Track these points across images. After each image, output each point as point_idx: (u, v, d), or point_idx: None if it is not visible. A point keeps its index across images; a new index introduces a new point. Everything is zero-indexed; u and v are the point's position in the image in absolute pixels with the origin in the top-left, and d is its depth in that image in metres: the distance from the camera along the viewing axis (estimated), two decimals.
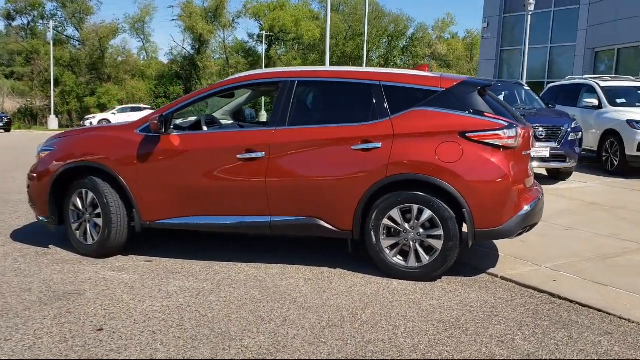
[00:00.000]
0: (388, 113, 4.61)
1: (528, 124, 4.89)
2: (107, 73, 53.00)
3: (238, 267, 4.91)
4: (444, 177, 4.38)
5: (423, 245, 4.54)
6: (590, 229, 6.44)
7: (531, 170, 4.92)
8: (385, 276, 4.65)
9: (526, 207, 4.54)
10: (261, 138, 4.79)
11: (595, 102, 11.65)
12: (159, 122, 4.79)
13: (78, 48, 54.23)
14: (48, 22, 50.43)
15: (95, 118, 38.24)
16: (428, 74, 4.82)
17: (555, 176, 10.16)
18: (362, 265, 4.89)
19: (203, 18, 54.81)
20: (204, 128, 5.24)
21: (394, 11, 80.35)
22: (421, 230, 4.52)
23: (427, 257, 4.52)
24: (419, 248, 4.54)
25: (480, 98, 4.60)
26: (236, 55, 61.50)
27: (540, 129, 9.21)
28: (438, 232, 4.46)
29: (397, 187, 4.53)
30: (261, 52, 57.50)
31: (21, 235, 6.01)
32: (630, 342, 3.50)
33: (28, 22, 53.87)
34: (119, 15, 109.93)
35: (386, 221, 4.57)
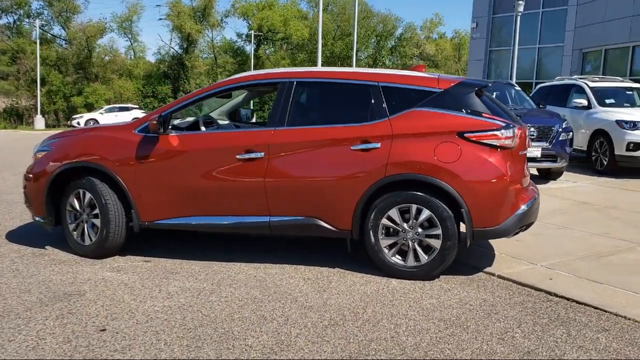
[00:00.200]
0: (387, 113, 4.65)
1: (524, 124, 4.95)
2: (95, 72, 52.56)
3: (237, 267, 4.93)
4: (443, 177, 4.43)
5: (421, 244, 4.58)
6: (583, 228, 6.53)
7: (527, 170, 4.98)
8: (384, 275, 4.69)
9: (523, 207, 4.61)
10: (260, 138, 4.81)
11: (584, 103, 11.79)
12: (158, 123, 4.80)
13: (64, 47, 53.76)
14: (34, 21, 49.97)
15: (82, 118, 37.92)
16: (426, 75, 4.87)
17: (546, 176, 10.27)
18: (361, 264, 4.93)
19: (191, 17, 54.52)
20: (202, 128, 5.25)
21: (383, 11, 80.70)
22: (420, 229, 4.56)
23: (426, 257, 4.57)
24: (418, 247, 4.59)
25: (477, 99, 4.66)
26: (224, 54, 61.30)
27: (531, 129, 9.31)
28: (436, 232, 4.51)
29: (396, 187, 4.57)
30: (249, 52, 57.39)
31: (16, 236, 5.97)
32: (627, 339, 3.57)
33: (14, 21, 53.28)
34: (107, 14, 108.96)
35: (385, 221, 4.61)
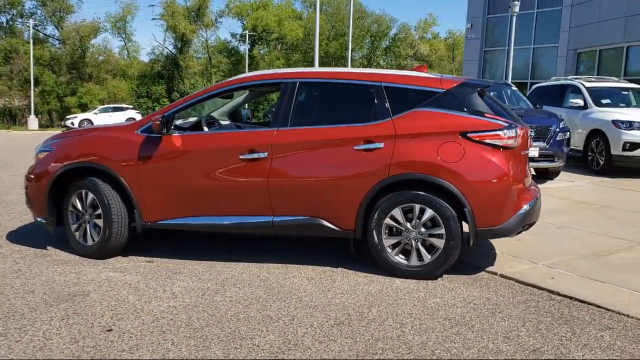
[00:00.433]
0: (390, 113, 4.67)
1: (526, 125, 4.98)
2: (88, 72, 52.41)
3: (240, 267, 4.94)
4: (446, 177, 4.45)
5: (424, 244, 4.61)
6: (581, 228, 6.57)
7: (529, 170, 5.01)
8: (387, 275, 4.71)
9: (525, 206, 4.63)
10: (263, 138, 4.82)
11: (580, 103, 11.85)
12: (161, 123, 4.80)
13: (58, 47, 53.55)
14: (27, 21, 49.73)
15: (76, 118, 37.76)
16: (428, 75, 4.90)
17: (543, 175, 10.31)
18: (363, 264, 4.95)
19: (185, 17, 54.43)
20: (205, 129, 5.25)
21: (377, 11, 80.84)
22: (423, 229, 4.58)
23: (429, 256, 4.59)
24: (421, 247, 4.61)
25: (480, 98, 4.69)
26: (219, 55, 61.22)
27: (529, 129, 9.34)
28: (440, 231, 4.53)
29: (399, 187, 4.59)
30: (244, 52, 57.34)
31: (17, 236, 5.96)
32: (631, 337, 3.60)
33: (7, 21, 53.00)
34: (100, 14, 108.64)
35: (388, 220, 4.63)
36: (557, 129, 9.66)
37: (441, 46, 67.64)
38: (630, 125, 10.65)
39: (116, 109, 39.10)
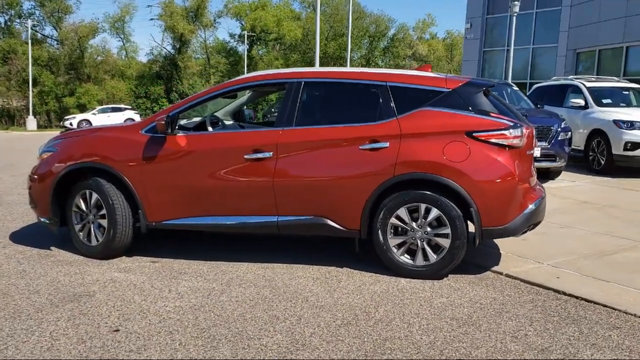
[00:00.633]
0: (395, 113, 4.66)
1: (531, 124, 4.98)
2: (87, 73, 52.30)
3: (245, 267, 4.93)
4: (452, 176, 4.45)
5: (430, 243, 4.60)
6: (584, 227, 6.57)
7: (534, 169, 5.00)
8: (392, 275, 4.70)
9: (531, 206, 4.63)
10: (268, 138, 4.81)
11: (581, 102, 11.85)
12: (166, 123, 4.79)
13: (56, 47, 53.47)
14: (25, 21, 49.64)
15: (75, 119, 37.69)
16: (433, 75, 4.89)
17: (544, 175, 10.31)
18: (368, 264, 4.94)
19: (184, 18, 54.38)
20: (209, 128, 5.24)
21: (375, 12, 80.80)
22: (428, 229, 4.57)
23: (435, 256, 4.58)
24: (426, 247, 4.60)
25: (485, 98, 4.68)
26: (217, 55, 61.18)
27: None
28: (445, 231, 4.53)
29: (405, 187, 4.59)
30: (242, 52, 57.31)
31: (20, 237, 5.94)
32: (639, 336, 3.60)
33: (5, 21, 52.89)
34: (99, 14, 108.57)
35: (394, 220, 4.62)
36: (559, 129, 9.66)
37: (439, 46, 67.71)
38: (631, 125, 10.66)
39: (115, 110, 39.05)
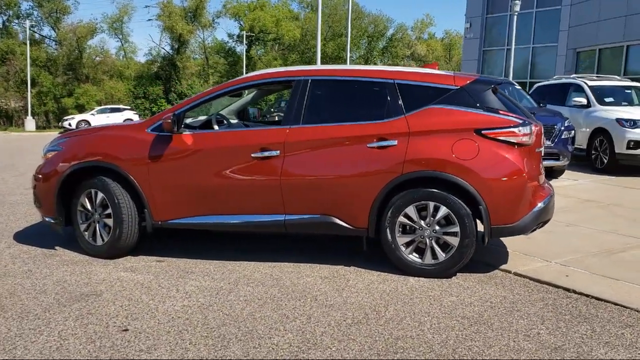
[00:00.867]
0: (403, 111, 4.63)
1: (539, 122, 4.95)
2: (85, 73, 52.20)
3: (252, 266, 4.90)
4: (461, 174, 4.42)
5: (439, 242, 4.57)
6: (590, 226, 6.55)
7: (542, 167, 4.98)
8: (400, 273, 4.67)
9: (540, 204, 4.61)
10: (276, 136, 4.78)
11: (584, 101, 11.83)
12: (173, 121, 4.75)
13: (55, 48, 53.37)
14: (24, 22, 49.55)
15: (74, 119, 37.60)
16: (441, 72, 4.87)
17: (548, 174, 10.25)
18: (375, 262, 4.91)
19: (182, 18, 54.32)
20: (215, 127, 5.21)
21: (374, 12, 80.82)
22: (437, 227, 4.55)
23: (443, 254, 4.55)
24: (435, 245, 4.57)
25: (493, 95, 4.65)
26: (216, 55, 61.12)
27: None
28: (454, 229, 4.50)
29: (413, 185, 4.56)
30: (241, 53, 57.26)
31: (24, 236, 5.90)
32: None
33: (3, 22, 52.80)
34: (97, 14, 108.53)
35: (402, 218, 4.59)
36: (562, 127, 9.64)
37: (438, 46, 67.74)
38: (634, 123, 10.64)
39: (114, 110, 38.95)
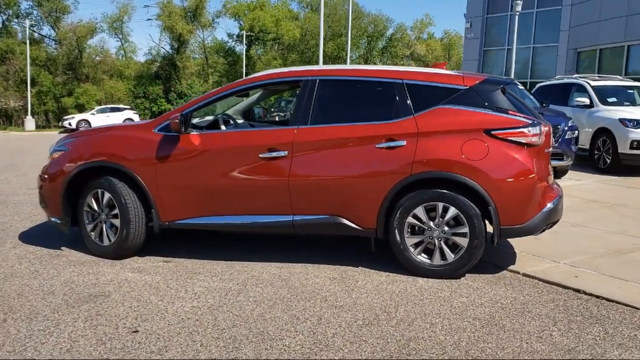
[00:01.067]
0: (412, 111, 4.61)
1: (548, 122, 4.93)
2: (85, 73, 52.07)
3: (259, 267, 4.88)
4: (470, 175, 4.40)
5: (448, 243, 4.55)
6: (596, 226, 6.54)
7: (551, 168, 4.96)
8: (409, 274, 4.65)
9: (549, 205, 4.59)
10: (284, 137, 4.76)
11: (586, 101, 11.81)
12: (180, 121, 4.73)
13: (54, 47, 53.28)
14: (23, 21, 49.46)
15: (74, 119, 37.48)
16: (450, 72, 4.85)
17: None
18: (384, 263, 4.89)
19: (182, 18, 54.26)
20: (223, 127, 5.19)
21: (373, 11, 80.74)
22: (446, 228, 4.53)
23: (452, 255, 4.53)
24: (444, 246, 4.55)
25: (503, 96, 4.64)
26: (215, 55, 61.07)
27: None
28: (463, 230, 4.48)
29: (422, 185, 4.54)
30: (241, 52, 57.21)
31: (30, 237, 5.87)
32: None
33: (2, 21, 52.67)
34: (97, 14, 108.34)
35: (410, 219, 4.58)
36: (566, 128, 9.63)
37: (437, 46, 67.66)
38: (637, 123, 10.62)
39: (114, 110, 38.86)
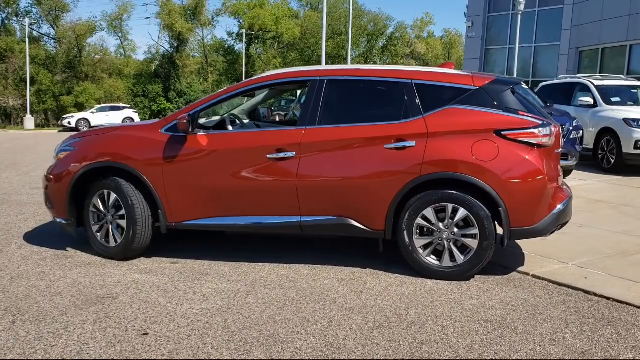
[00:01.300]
0: (421, 111, 4.58)
1: (557, 123, 4.90)
2: (85, 72, 52.00)
3: (267, 268, 4.85)
4: (481, 176, 4.37)
5: (457, 244, 4.52)
6: (603, 227, 6.51)
7: (560, 169, 4.93)
8: (418, 276, 4.62)
9: (559, 206, 4.56)
10: (291, 137, 4.72)
11: (590, 101, 11.79)
12: (188, 122, 4.70)
13: (54, 46, 53.21)
14: (23, 20, 49.34)
15: (73, 118, 37.34)
16: (459, 72, 4.82)
17: None
18: (392, 264, 4.87)
19: (182, 16, 54.21)
20: (230, 128, 5.15)
21: (374, 10, 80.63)
22: (455, 229, 4.50)
23: (462, 257, 4.51)
24: (453, 247, 4.52)
25: (512, 96, 4.61)
26: (215, 54, 61.02)
27: None
28: (473, 232, 4.45)
29: (431, 186, 4.51)
30: (240, 51, 57.15)
31: (35, 237, 5.84)
32: None
33: (2, 20, 52.59)
34: (97, 12, 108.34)
35: (420, 220, 4.55)
36: (571, 127, 9.58)
37: (437, 45, 67.65)
38: None
39: (113, 109, 38.74)
